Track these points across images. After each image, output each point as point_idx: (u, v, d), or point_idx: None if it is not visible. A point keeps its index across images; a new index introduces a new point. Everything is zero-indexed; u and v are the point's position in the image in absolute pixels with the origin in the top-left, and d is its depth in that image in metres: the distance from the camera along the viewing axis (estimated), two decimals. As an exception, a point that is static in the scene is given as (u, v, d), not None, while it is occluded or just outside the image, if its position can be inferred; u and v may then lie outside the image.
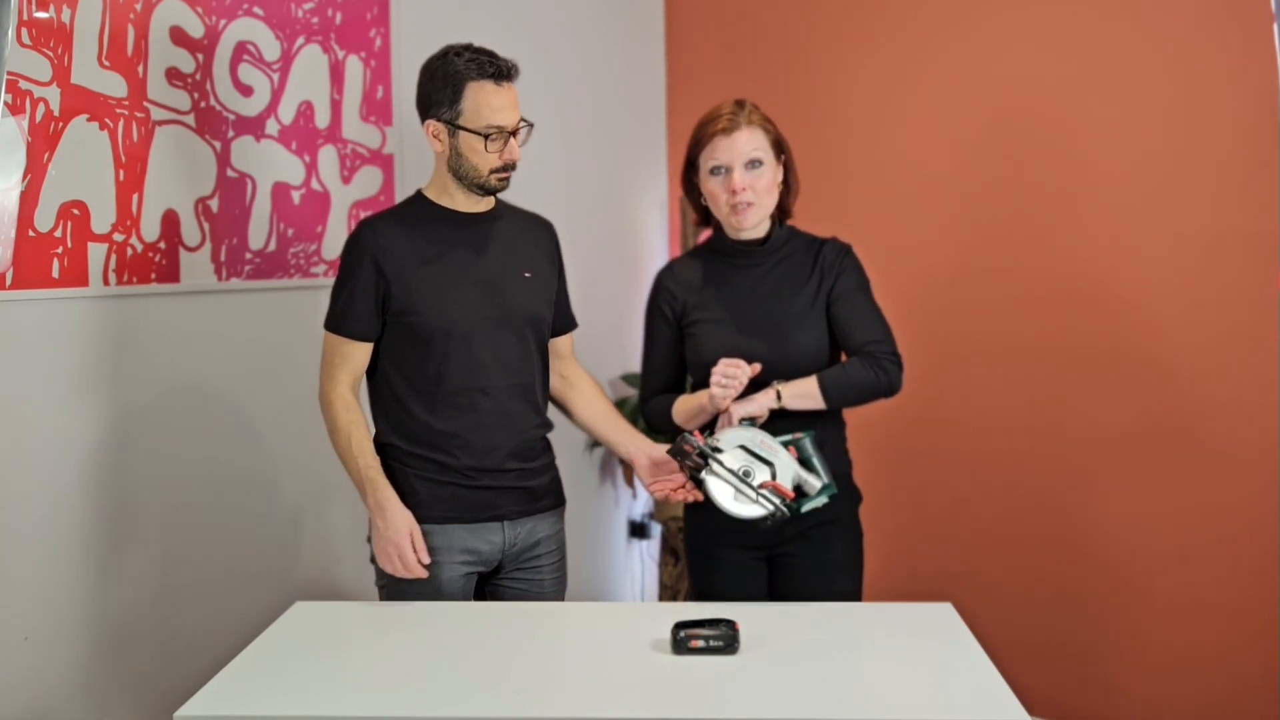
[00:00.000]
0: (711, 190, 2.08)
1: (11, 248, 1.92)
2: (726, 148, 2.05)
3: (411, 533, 1.97)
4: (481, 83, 1.98)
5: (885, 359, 2.04)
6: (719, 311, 2.12)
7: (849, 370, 2.04)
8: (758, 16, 3.59)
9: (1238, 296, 2.77)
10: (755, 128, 2.06)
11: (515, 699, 1.57)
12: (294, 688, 1.62)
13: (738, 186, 2.04)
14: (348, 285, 2.03)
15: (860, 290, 2.11)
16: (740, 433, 1.95)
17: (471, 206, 2.09)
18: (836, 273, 2.10)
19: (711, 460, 1.91)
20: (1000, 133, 3.15)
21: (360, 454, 2.01)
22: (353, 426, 2.02)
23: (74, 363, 2.06)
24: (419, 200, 2.10)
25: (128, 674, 2.17)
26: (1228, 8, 2.76)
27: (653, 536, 3.74)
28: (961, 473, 3.23)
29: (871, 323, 2.08)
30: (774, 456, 1.94)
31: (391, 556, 1.96)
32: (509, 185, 2.07)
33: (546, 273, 2.16)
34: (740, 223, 2.08)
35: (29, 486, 1.99)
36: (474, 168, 2.02)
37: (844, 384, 2.03)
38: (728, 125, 2.05)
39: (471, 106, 1.98)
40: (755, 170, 2.05)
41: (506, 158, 2.01)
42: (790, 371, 2.04)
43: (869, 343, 2.05)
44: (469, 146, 2.00)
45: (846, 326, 2.08)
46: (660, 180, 3.84)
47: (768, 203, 2.09)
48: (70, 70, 2.00)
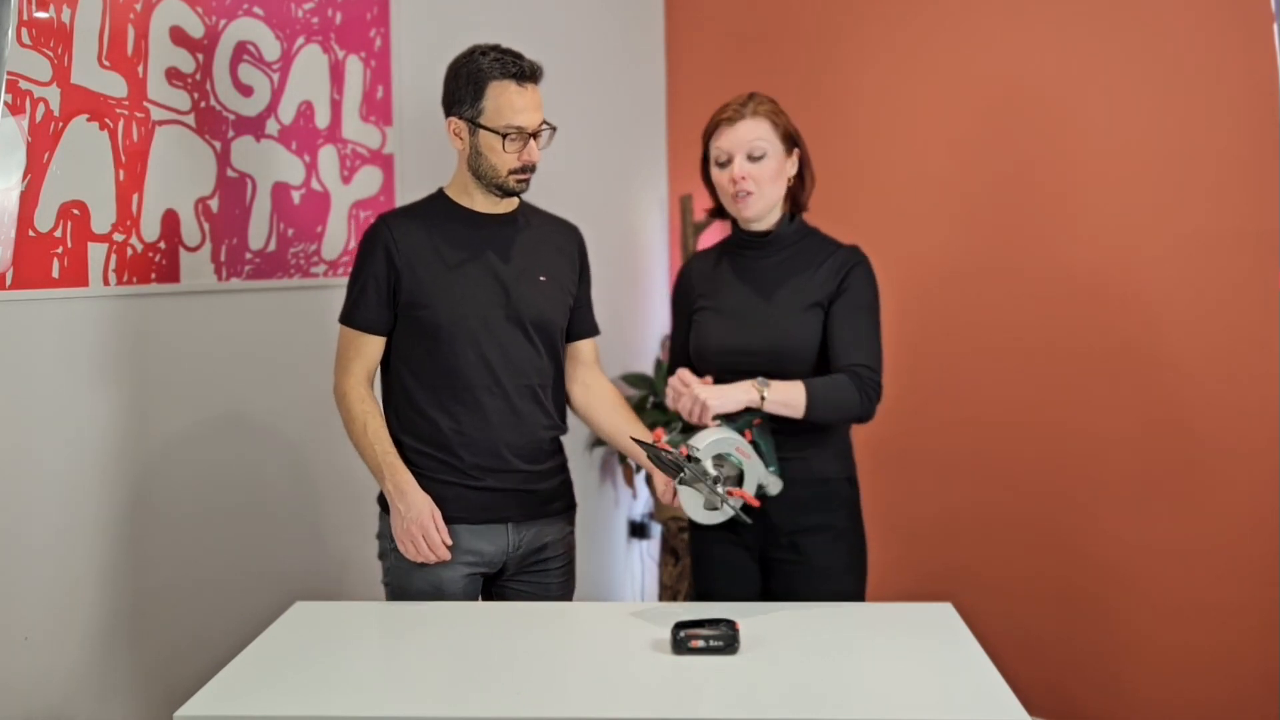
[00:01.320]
0: (718, 179, 2.11)
1: (11, 248, 1.92)
2: (729, 137, 2.06)
3: (433, 513, 1.97)
4: (504, 83, 1.98)
5: (870, 387, 2.02)
6: (720, 301, 2.13)
7: (838, 387, 1.99)
8: (758, 16, 3.59)
9: (1238, 296, 2.77)
10: (760, 118, 2.07)
11: (515, 699, 1.57)
12: (294, 688, 1.62)
13: (736, 175, 2.05)
14: (360, 278, 2.05)
15: (863, 309, 2.07)
16: (717, 436, 1.92)
17: (491, 207, 2.09)
18: (842, 281, 2.07)
19: (685, 469, 1.88)
20: (1000, 131, 3.15)
21: (376, 440, 2.01)
22: (368, 415, 2.03)
23: (74, 363, 2.06)
24: (439, 198, 2.11)
25: (128, 674, 2.17)
26: (1228, 8, 2.76)
27: (653, 536, 3.74)
28: (961, 472, 3.23)
29: (867, 346, 2.05)
30: (745, 461, 1.93)
31: (416, 537, 1.96)
32: (528, 187, 2.07)
33: (566, 278, 2.15)
34: (740, 211, 2.09)
35: (29, 487, 1.99)
36: (493, 167, 2.02)
37: (829, 401, 1.98)
38: (733, 115, 2.07)
39: (493, 106, 1.98)
40: (757, 161, 2.06)
41: (525, 159, 2.01)
42: (778, 365, 2.03)
43: (859, 365, 2.01)
44: (488, 146, 2.00)
45: (841, 342, 2.04)
46: (660, 180, 3.84)
47: (770, 193, 2.08)
48: (70, 70, 2.00)
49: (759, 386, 1.95)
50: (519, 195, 2.09)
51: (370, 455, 2.02)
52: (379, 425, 2.04)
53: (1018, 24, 3.11)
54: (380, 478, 2.02)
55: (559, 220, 2.20)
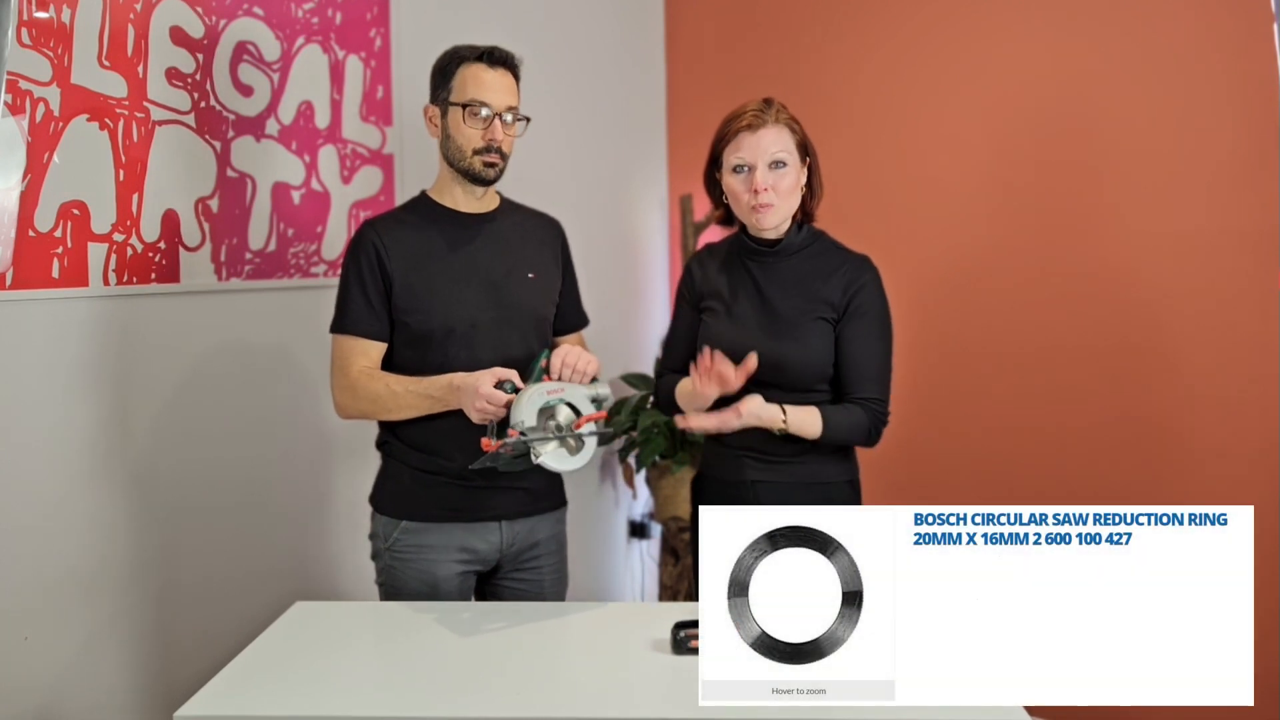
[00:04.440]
0: (733, 187, 2.05)
1: (11, 248, 1.92)
2: (751, 145, 2.01)
3: (483, 382, 1.87)
4: (474, 64, 2.01)
5: (880, 420, 2.03)
6: (727, 304, 2.12)
7: (851, 421, 2.01)
8: (758, 16, 3.59)
9: (1237, 295, 2.77)
10: (781, 127, 2.04)
11: (514, 699, 1.57)
12: (294, 688, 1.62)
13: (759, 186, 2.00)
14: (352, 286, 2.03)
15: (874, 334, 2.05)
16: (530, 396, 1.87)
17: (473, 206, 2.09)
18: (853, 298, 2.04)
19: (531, 444, 1.83)
20: (999, 133, 3.15)
21: (408, 388, 1.95)
22: (381, 379, 1.98)
23: (74, 363, 2.06)
24: (422, 200, 2.10)
25: (128, 674, 2.17)
26: (1228, 8, 2.76)
27: (653, 536, 3.74)
28: (961, 472, 3.23)
29: (876, 378, 2.04)
30: (562, 396, 1.89)
31: (486, 411, 1.86)
32: (497, 175, 2.05)
33: (551, 272, 2.15)
34: (759, 223, 2.05)
35: (29, 486, 1.99)
36: (459, 148, 2.02)
37: (840, 431, 2.00)
38: (753, 122, 2.01)
39: (459, 84, 2.01)
40: (778, 170, 2.02)
41: (489, 137, 2.00)
42: (781, 373, 2.02)
43: (872, 400, 2.02)
44: (454, 123, 2.01)
45: (854, 370, 2.03)
46: (660, 180, 3.85)
47: (789, 204, 2.06)
48: (70, 70, 2.00)
49: (782, 410, 1.96)
50: (488, 183, 2.06)
51: (418, 400, 1.95)
52: (396, 380, 1.98)
53: (1016, 26, 3.11)
54: (437, 400, 1.94)
55: (539, 215, 2.20)
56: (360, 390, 2.00)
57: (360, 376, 2.00)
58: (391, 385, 1.98)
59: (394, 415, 2.00)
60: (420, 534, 2.04)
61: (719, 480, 2.09)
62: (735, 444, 2.04)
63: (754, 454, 2.04)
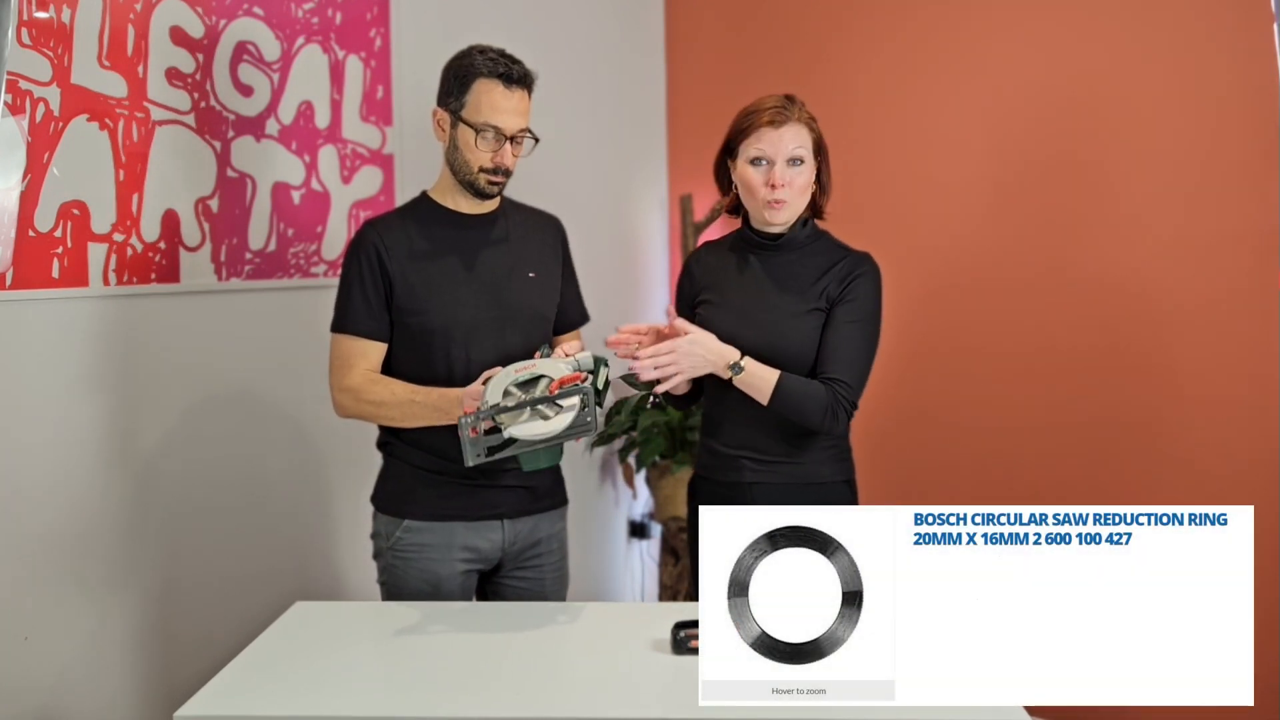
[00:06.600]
0: (748, 180, 2.05)
1: (11, 248, 1.92)
2: (772, 140, 2.01)
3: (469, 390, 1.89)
4: (491, 81, 1.98)
5: (843, 406, 2.00)
6: (723, 297, 2.12)
7: (808, 394, 1.98)
8: (758, 16, 3.59)
9: (1238, 296, 2.77)
10: (802, 125, 2.04)
11: (515, 699, 1.57)
12: (294, 688, 1.62)
13: (777, 182, 2.00)
14: (353, 285, 2.02)
15: (859, 322, 2.05)
16: (498, 378, 1.83)
17: (474, 208, 2.09)
18: (846, 288, 2.05)
19: (499, 417, 1.76)
20: (999, 134, 3.15)
21: (411, 397, 1.96)
22: (385, 384, 1.98)
23: (74, 363, 2.06)
24: (423, 201, 2.10)
25: (128, 674, 2.17)
26: (1228, 8, 2.76)
27: (653, 536, 3.74)
28: (961, 472, 3.23)
29: (850, 362, 2.02)
30: (539, 368, 1.84)
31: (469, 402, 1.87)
32: (499, 192, 2.06)
33: (552, 271, 2.15)
34: (772, 218, 2.05)
35: (29, 486, 1.99)
36: (466, 163, 2.01)
37: (793, 401, 1.97)
38: (775, 118, 2.02)
39: (474, 101, 1.99)
40: (795, 167, 2.03)
41: (498, 161, 2.00)
42: (773, 364, 2.03)
43: (839, 381, 2.00)
44: (464, 140, 2.00)
45: (829, 351, 2.02)
46: (660, 180, 3.84)
47: (801, 202, 2.06)
48: (70, 70, 2.00)
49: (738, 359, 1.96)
50: (490, 198, 2.07)
51: (421, 411, 1.95)
52: (400, 386, 1.98)
53: (1016, 26, 3.11)
54: (441, 413, 1.93)
55: (540, 213, 2.20)
56: (364, 395, 2.00)
57: (364, 383, 2.00)
58: (394, 392, 1.98)
59: (397, 424, 2.01)
60: (422, 533, 2.04)
61: (715, 482, 2.09)
62: (732, 445, 2.05)
63: (750, 455, 2.04)
